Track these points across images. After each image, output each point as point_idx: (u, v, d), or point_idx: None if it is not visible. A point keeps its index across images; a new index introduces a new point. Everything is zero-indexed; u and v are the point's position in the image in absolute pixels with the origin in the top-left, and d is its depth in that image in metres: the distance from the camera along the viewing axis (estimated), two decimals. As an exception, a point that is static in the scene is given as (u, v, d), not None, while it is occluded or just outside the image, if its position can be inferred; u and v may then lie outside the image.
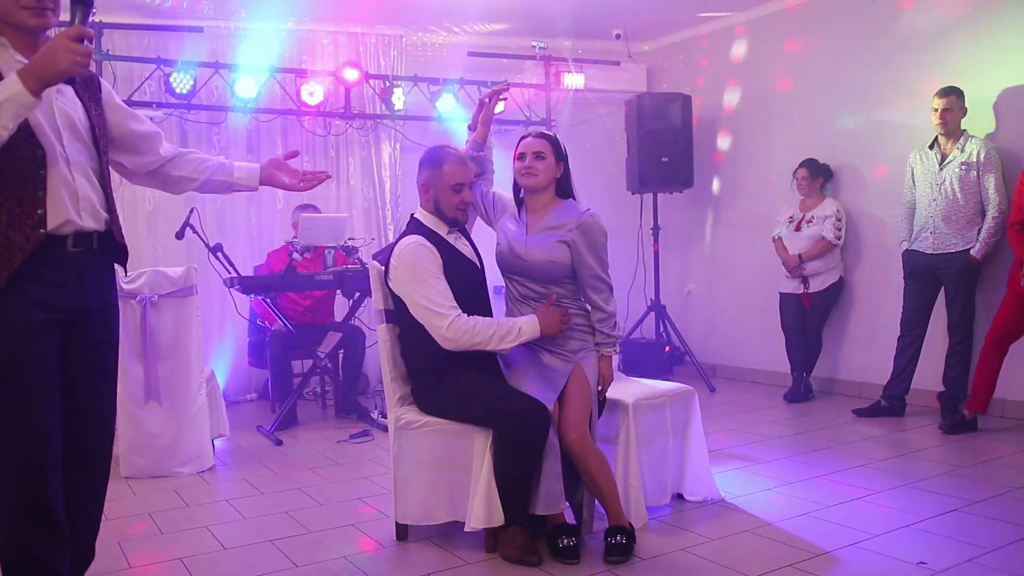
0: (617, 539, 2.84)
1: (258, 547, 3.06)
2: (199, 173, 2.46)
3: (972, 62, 4.92)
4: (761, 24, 6.22)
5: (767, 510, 3.33)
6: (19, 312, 1.99)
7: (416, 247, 2.91)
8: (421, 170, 3.04)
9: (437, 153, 3.05)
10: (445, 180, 2.97)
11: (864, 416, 4.99)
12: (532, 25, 6.39)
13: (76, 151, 2.10)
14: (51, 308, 2.05)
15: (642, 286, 6.57)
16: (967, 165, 4.62)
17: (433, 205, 3.02)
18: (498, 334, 2.86)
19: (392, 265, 2.95)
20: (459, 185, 2.98)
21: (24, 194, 1.99)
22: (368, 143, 6.38)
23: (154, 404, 3.98)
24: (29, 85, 1.88)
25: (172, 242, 4.87)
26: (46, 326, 2.04)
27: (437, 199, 3.00)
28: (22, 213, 1.99)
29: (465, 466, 2.91)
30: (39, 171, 2.01)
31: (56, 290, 2.06)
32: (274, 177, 2.53)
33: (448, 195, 2.98)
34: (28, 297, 2.00)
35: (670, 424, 3.35)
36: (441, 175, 2.98)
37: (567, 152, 3.14)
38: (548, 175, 3.05)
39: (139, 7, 5.50)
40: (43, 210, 2.01)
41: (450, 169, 2.98)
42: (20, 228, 1.99)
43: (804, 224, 5.53)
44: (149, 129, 2.39)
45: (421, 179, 3.03)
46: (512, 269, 3.08)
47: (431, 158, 3.04)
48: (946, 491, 3.51)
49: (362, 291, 5.07)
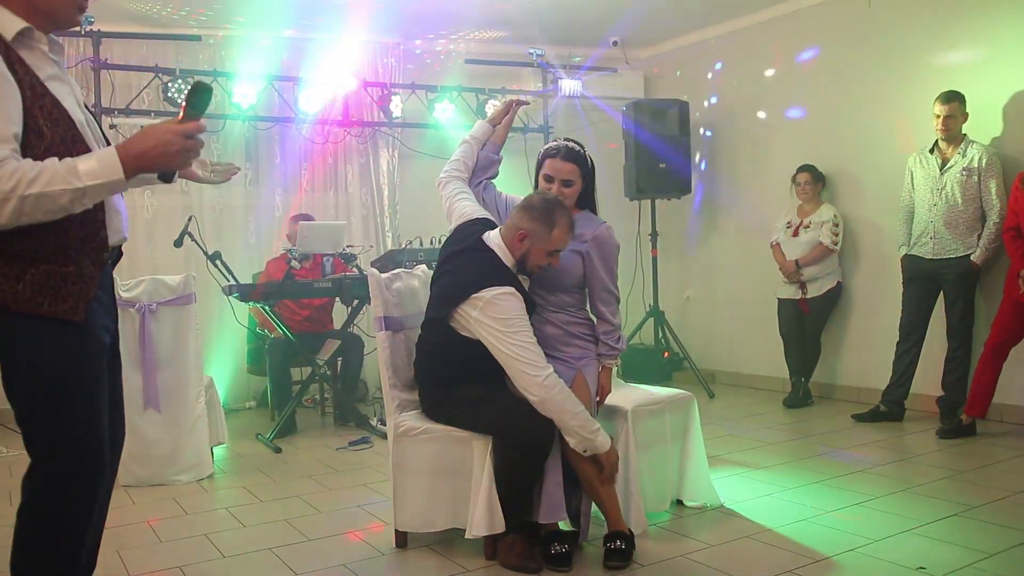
0: (616, 545, 2.84)
1: (257, 555, 3.05)
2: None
3: (972, 67, 4.92)
4: (758, 29, 6.23)
5: (767, 515, 3.32)
6: (100, 338, 1.92)
7: (513, 300, 2.78)
8: (528, 216, 2.85)
9: (553, 211, 2.85)
10: (549, 243, 2.84)
11: (863, 421, 4.99)
12: (530, 33, 6.39)
13: None
14: (106, 329, 1.99)
15: (641, 292, 6.57)
16: (968, 170, 4.61)
17: (521, 255, 2.87)
18: (584, 415, 2.75)
19: (475, 306, 2.78)
20: (557, 252, 2.90)
21: (86, 216, 1.85)
22: (366, 150, 6.39)
23: (153, 412, 3.98)
24: (128, 172, 1.75)
25: (170, 250, 4.88)
26: (107, 348, 1.98)
27: (529, 253, 2.86)
28: (87, 236, 1.88)
29: (465, 473, 2.91)
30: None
31: (105, 309, 2.00)
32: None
33: (541, 256, 2.87)
34: (97, 319, 1.93)
35: (669, 430, 3.34)
36: (548, 237, 2.83)
37: (595, 166, 3.11)
38: (575, 199, 3.04)
39: (137, 16, 5.51)
40: (104, 232, 1.91)
41: (559, 235, 2.84)
42: (87, 253, 1.88)
43: (802, 230, 5.54)
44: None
45: (524, 225, 2.84)
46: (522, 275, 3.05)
47: (545, 212, 2.84)
48: (945, 496, 3.50)
49: (360, 298, 5.07)
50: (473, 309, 2.78)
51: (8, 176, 1.66)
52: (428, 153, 6.19)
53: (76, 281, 1.85)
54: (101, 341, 1.94)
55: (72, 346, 1.87)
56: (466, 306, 2.79)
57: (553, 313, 3.04)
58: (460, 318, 2.82)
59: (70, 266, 1.85)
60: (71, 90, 1.94)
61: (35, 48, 1.85)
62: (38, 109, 1.78)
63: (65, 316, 1.84)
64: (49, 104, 1.81)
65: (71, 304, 1.85)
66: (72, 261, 1.85)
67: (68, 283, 1.84)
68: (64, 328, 1.85)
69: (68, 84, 1.94)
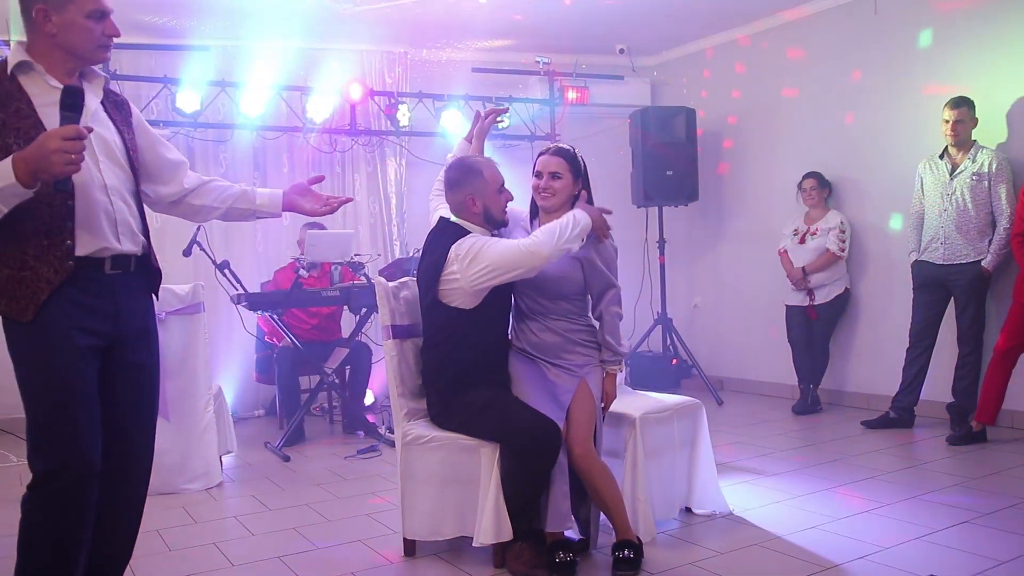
0: (625, 553, 2.84)
1: (266, 563, 3.05)
2: (221, 202, 2.44)
3: (981, 71, 4.90)
4: (764, 36, 6.23)
5: (776, 523, 3.31)
6: (66, 337, 2.01)
7: (476, 238, 2.90)
8: (460, 186, 2.97)
9: (469, 164, 3.01)
10: (490, 185, 2.97)
11: (873, 428, 4.96)
12: (536, 41, 6.41)
13: (114, 175, 2.11)
14: (91, 333, 2.06)
15: (648, 299, 6.57)
16: (978, 176, 4.60)
17: (483, 214, 2.98)
18: (564, 231, 2.82)
19: (452, 263, 2.86)
20: (502, 186, 3.01)
21: (52, 225, 2.00)
22: (374, 159, 6.41)
23: (162, 421, 3.87)
24: (22, 178, 1.87)
25: (179, 259, 4.88)
26: (88, 351, 2.05)
27: (487, 206, 2.97)
28: (50, 245, 2.00)
29: (473, 481, 2.90)
30: (67, 201, 2.01)
31: (95, 315, 2.07)
32: (296, 203, 2.50)
33: (495, 198, 2.99)
34: (72, 321, 2.02)
35: (677, 437, 3.33)
36: (485, 182, 2.96)
37: (587, 168, 3.12)
38: (564, 195, 3.05)
39: (146, 27, 5.55)
40: (71, 241, 2.01)
41: (491, 173, 2.99)
42: (48, 261, 2.00)
43: (809, 236, 5.52)
44: (176, 158, 2.38)
45: (464, 194, 2.95)
46: (522, 283, 3.03)
47: (466, 170, 2.99)
48: (956, 503, 3.48)
49: (368, 307, 5.07)
50: (455, 266, 2.85)
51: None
52: (435, 162, 6.16)
53: (30, 284, 1.99)
54: (70, 343, 2.02)
55: (31, 345, 2.01)
56: (446, 273, 2.87)
57: (555, 321, 3.04)
58: (448, 287, 2.89)
59: (25, 271, 2.00)
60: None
61: (36, 78, 2.03)
62: (12, 130, 1.96)
63: (15, 316, 2.00)
64: (28, 125, 1.97)
65: (22, 305, 2.00)
66: (28, 267, 2.00)
67: (23, 286, 2.00)
68: (25, 328, 2.00)
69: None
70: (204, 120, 5.67)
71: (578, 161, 3.09)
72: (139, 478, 2.27)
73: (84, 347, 2.03)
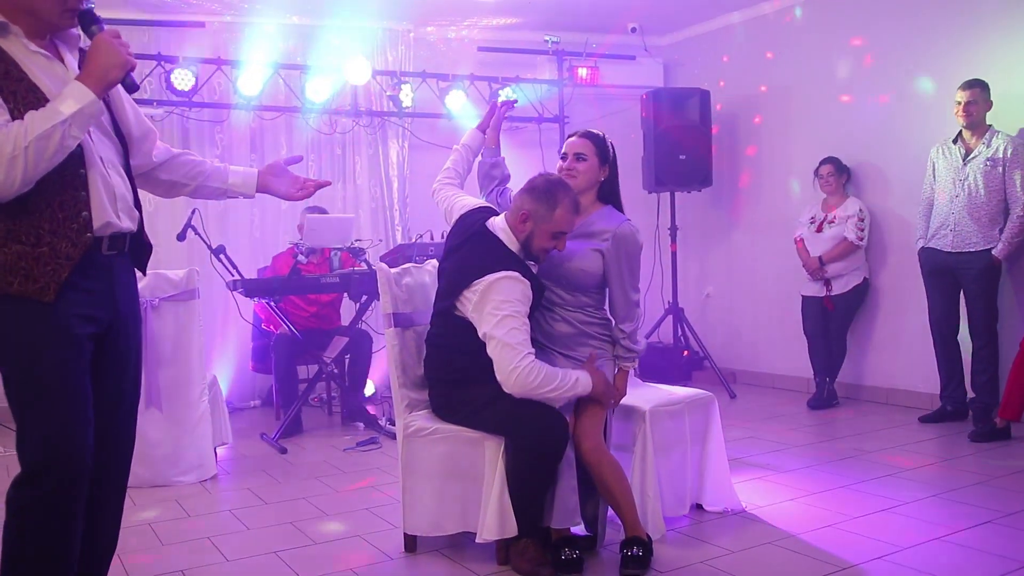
0: (634, 551, 2.80)
1: (262, 559, 3.02)
2: (191, 179, 2.32)
3: (1001, 55, 4.82)
4: (781, 16, 6.12)
5: (790, 521, 3.27)
6: (68, 325, 1.92)
7: (514, 283, 2.75)
8: (529, 197, 2.83)
9: (555, 190, 2.83)
10: (551, 224, 2.81)
11: (929, 422, 4.84)
12: (545, 19, 6.33)
13: (105, 147, 2.03)
14: (91, 320, 1.98)
15: (659, 288, 6.48)
16: (992, 161, 4.53)
17: (525, 238, 2.84)
18: (562, 384, 2.74)
19: (476, 291, 2.77)
20: (561, 234, 2.85)
21: (66, 197, 1.91)
22: (375, 141, 6.31)
23: (154, 411, 3.92)
24: (97, 91, 1.86)
25: (173, 244, 4.83)
26: (86, 339, 1.97)
27: (532, 236, 2.83)
28: (66, 218, 1.90)
29: (476, 475, 2.88)
30: (79, 169, 1.92)
31: (94, 299, 1.99)
32: (271, 184, 2.39)
33: (545, 239, 2.82)
34: (74, 308, 1.93)
35: (689, 432, 3.31)
36: (551, 217, 2.80)
37: (616, 155, 3.08)
38: (589, 177, 3.00)
39: (139, 2, 5.47)
40: (88, 212, 1.93)
41: (562, 215, 2.81)
42: (65, 235, 1.90)
43: (826, 225, 5.43)
44: (145, 127, 2.25)
45: (525, 206, 2.82)
46: (540, 273, 2.97)
47: (547, 192, 2.82)
48: (979, 502, 3.43)
49: (369, 294, 5.02)
50: (474, 294, 2.77)
51: (6, 139, 1.78)
52: (439, 144, 6.07)
53: (49, 262, 1.88)
54: (71, 331, 1.92)
55: (38, 331, 1.90)
56: (468, 292, 2.79)
57: (571, 312, 3.00)
58: (462, 305, 2.82)
59: (42, 247, 1.89)
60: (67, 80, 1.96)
61: (15, 40, 1.93)
62: (9, 93, 1.86)
63: (35, 296, 1.88)
64: (23, 89, 1.88)
65: (42, 284, 1.88)
66: (44, 243, 1.89)
67: (40, 264, 1.88)
68: (32, 311, 1.89)
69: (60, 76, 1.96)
70: (199, 100, 5.58)
71: (606, 146, 3.07)
72: (125, 462, 2.23)
73: (83, 336, 1.95)
